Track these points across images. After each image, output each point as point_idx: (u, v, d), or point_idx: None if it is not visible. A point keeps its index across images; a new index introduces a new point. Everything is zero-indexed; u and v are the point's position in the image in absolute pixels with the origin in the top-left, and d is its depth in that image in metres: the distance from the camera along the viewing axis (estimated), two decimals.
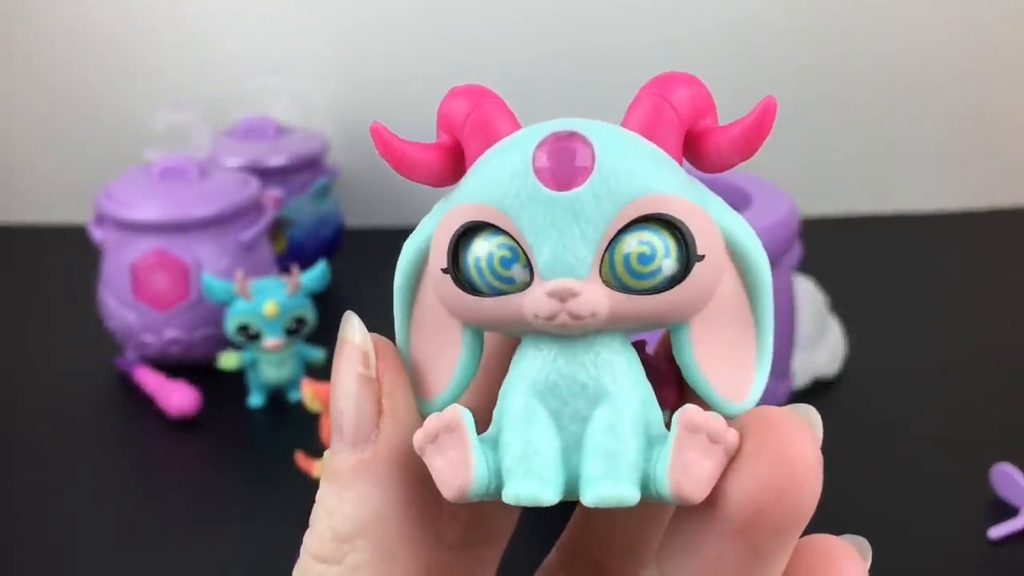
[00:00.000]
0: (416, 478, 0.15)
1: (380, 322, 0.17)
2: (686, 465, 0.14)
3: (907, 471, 0.48)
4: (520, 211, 0.14)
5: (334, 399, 0.16)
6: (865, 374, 0.57)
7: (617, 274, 0.14)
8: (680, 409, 0.14)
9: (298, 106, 0.77)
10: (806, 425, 0.14)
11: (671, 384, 0.16)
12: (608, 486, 0.14)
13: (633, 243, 0.14)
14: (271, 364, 0.54)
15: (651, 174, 0.14)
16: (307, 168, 0.71)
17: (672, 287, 0.14)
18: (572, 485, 0.14)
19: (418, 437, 0.14)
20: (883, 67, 0.81)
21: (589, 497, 0.14)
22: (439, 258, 0.15)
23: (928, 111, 0.83)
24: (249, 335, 0.53)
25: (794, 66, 0.81)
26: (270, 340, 0.53)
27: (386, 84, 0.82)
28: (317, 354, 0.56)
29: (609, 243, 0.14)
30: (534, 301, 0.14)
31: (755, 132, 0.14)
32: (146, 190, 0.57)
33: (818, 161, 0.83)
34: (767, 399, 0.15)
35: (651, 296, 0.14)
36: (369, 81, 0.82)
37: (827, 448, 0.14)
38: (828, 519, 0.15)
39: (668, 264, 0.14)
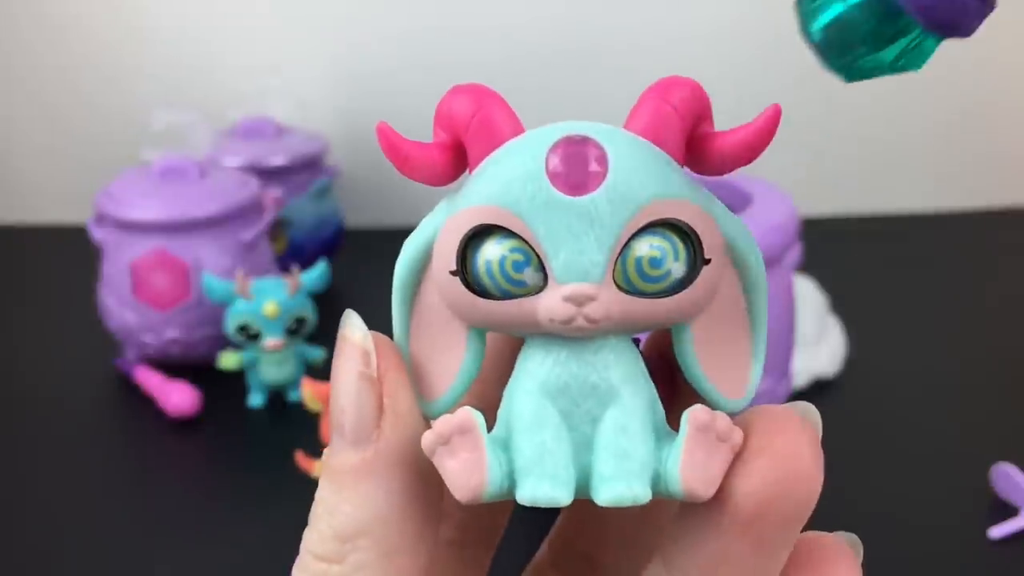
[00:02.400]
0: (417, 477, 0.15)
1: (381, 322, 0.17)
2: (696, 463, 0.14)
3: (907, 471, 0.48)
4: (534, 215, 0.14)
5: (334, 398, 0.16)
6: (865, 374, 0.57)
7: (628, 278, 0.14)
8: (689, 409, 0.14)
9: (298, 106, 0.77)
10: (807, 422, 0.14)
11: (663, 381, 0.16)
12: (621, 486, 0.14)
13: (644, 247, 0.14)
14: (271, 364, 0.54)
15: (661, 178, 0.14)
16: (307, 168, 0.71)
17: (680, 290, 0.14)
18: (584, 485, 0.14)
19: (428, 439, 0.14)
20: None
21: (603, 497, 0.14)
22: (447, 260, 0.15)
23: (928, 111, 0.83)
24: (249, 335, 0.53)
25: (794, 66, 0.81)
26: (270, 340, 0.53)
27: (386, 84, 0.82)
28: (317, 354, 0.56)
29: (622, 247, 0.14)
30: (550, 305, 0.14)
31: (759, 138, 0.15)
32: (146, 190, 0.57)
33: (818, 161, 0.83)
34: (767, 399, 0.15)
35: (660, 299, 0.14)
36: (369, 81, 0.82)
37: (827, 448, 0.15)
38: (828, 518, 0.16)
39: (677, 268, 0.14)
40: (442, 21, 0.80)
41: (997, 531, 0.43)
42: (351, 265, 0.72)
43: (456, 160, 0.16)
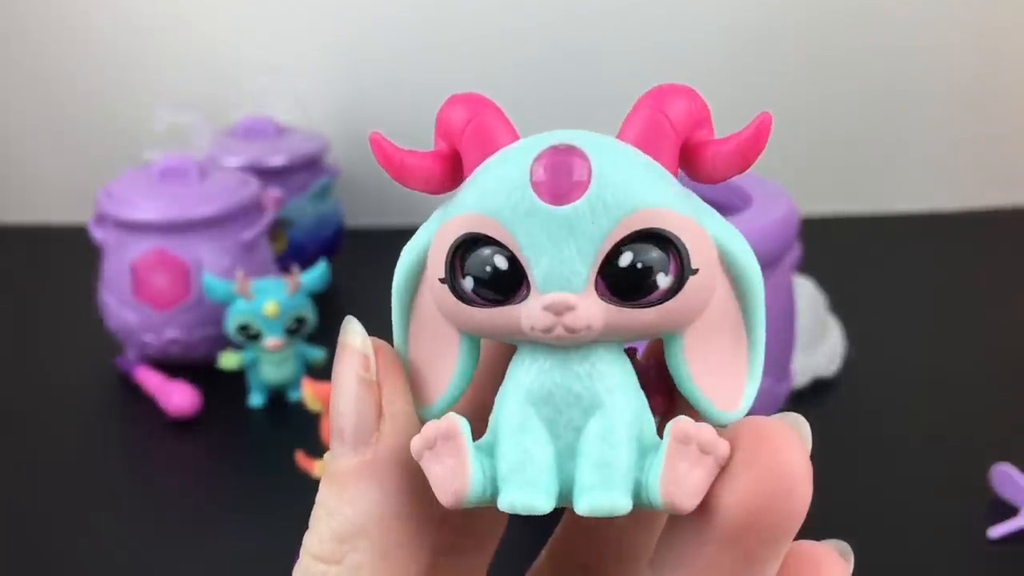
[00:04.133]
0: (415, 480, 0.16)
1: (381, 322, 0.17)
2: (677, 475, 0.14)
3: (907, 471, 0.48)
4: (517, 224, 0.14)
5: (334, 402, 0.16)
6: (865, 374, 0.57)
7: (612, 287, 0.14)
8: (672, 420, 0.14)
9: (298, 106, 0.77)
10: (796, 435, 0.14)
11: (661, 391, 0.16)
12: (601, 495, 0.14)
13: (628, 257, 0.14)
14: (271, 364, 0.54)
15: (647, 188, 0.14)
16: (307, 168, 0.71)
17: (666, 300, 0.14)
18: (566, 493, 0.15)
19: (416, 444, 0.15)
20: (884, 67, 0.81)
21: (582, 506, 0.14)
22: (437, 267, 0.15)
23: (928, 111, 0.83)
24: (249, 335, 0.53)
25: (795, 66, 0.81)
26: (270, 340, 0.53)
27: (386, 84, 0.82)
28: (317, 354, 0.56)
29: (606, 256, 0.14)
30: (530, 314, 0.14)
31: (750, 147, 0.15)
32: (146, 190, 0.57)
33: (818, 161, 0.83)
34: (767, 399, 0.15)
35: (645, 309, 0.14)
36: (369, 81, 0.82)
37: (827, 448, 0.15)
38: (828, 518, 0.16)
39: (663, 278, 0.14)
40: (442, 21, 0.80)
41: (996, 531, 0.43)
42: (351, 265, 0.72)
43: (453, 169, 0.16)
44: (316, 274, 0.54)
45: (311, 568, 0.16)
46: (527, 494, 0.14)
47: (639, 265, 0.14)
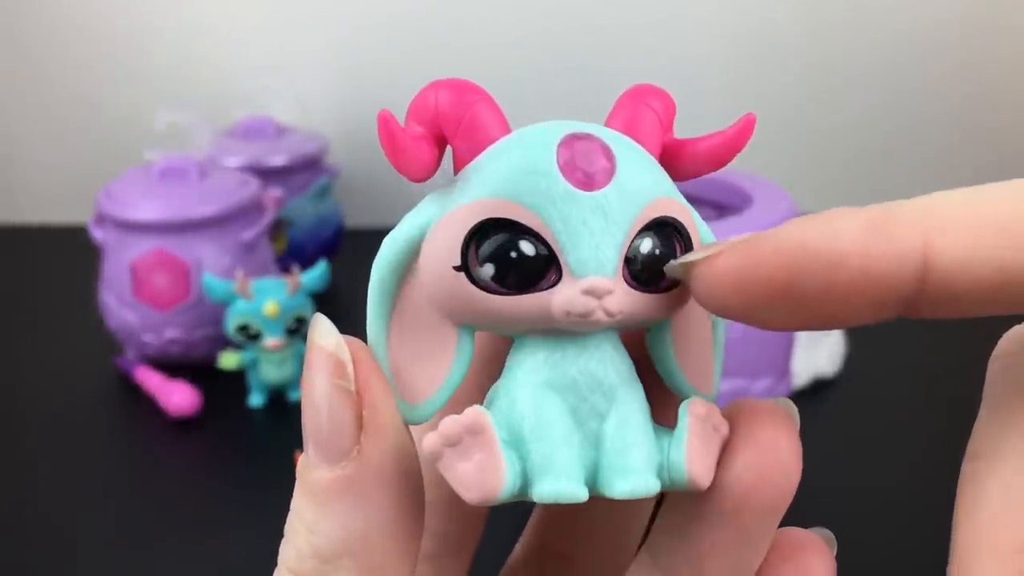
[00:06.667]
0: (401, 493, 0.15)
1: None
2: (699, 452, 0.14)
3: (907, 470, 0.48)
4: (550, 209, 0.14)
5: (306, 412, 0.15)
6: (865, 374, 0.57)
7: (635, 273, 0.14)
8: (687, 400, 0.14)
9: (298, 106, 0.77)
10: (786, 415, 0.15)
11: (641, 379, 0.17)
12: (636, 478, 0.14)
13: (649, 244, 0.14)
14: (271, 364, 0.54)
15: (658, 178, 0.15)
16: (307, 168, 0.71)
17: (676, 286, 0.15)
18: (591, 480, 0.14)
19: (433, 442, 0.14)
20: (883, 67, 0.81)
21: (619, 489, 0.14)
22: (448, 255, 0.14)
23: (928, 111, 0.83)
24: (249, 335, 0.53)
25: (794, 66, 0.81)
26: (270, 340, 0.53)
27: (386, 84, 0.82)
28: None
29: (630, 243, 0.14)
30: (568, 298, 0.14)
31: (732, 145, 0.15)
32: (146, 190, 0.57)
33: (818, 161, 0.83)
34: (767, 399, 0.15)
35: (662, 294, 0.15)
36: (369, 81, 0.82)
37: (827, 447, 0.15)
38: (828, 517, 0.16)
39: (674, 265, 0.15)
40: (443, 21, 0.80)
41: None
42: (351, 265, 0.72)
43: (439, 155, 0.15)
44: (316, 274, 0.54)
45: None
46: (564, 484, 0.14)
47: (658, 251, 0.14)
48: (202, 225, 0.57)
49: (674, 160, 0.16)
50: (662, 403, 0.15)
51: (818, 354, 0.56)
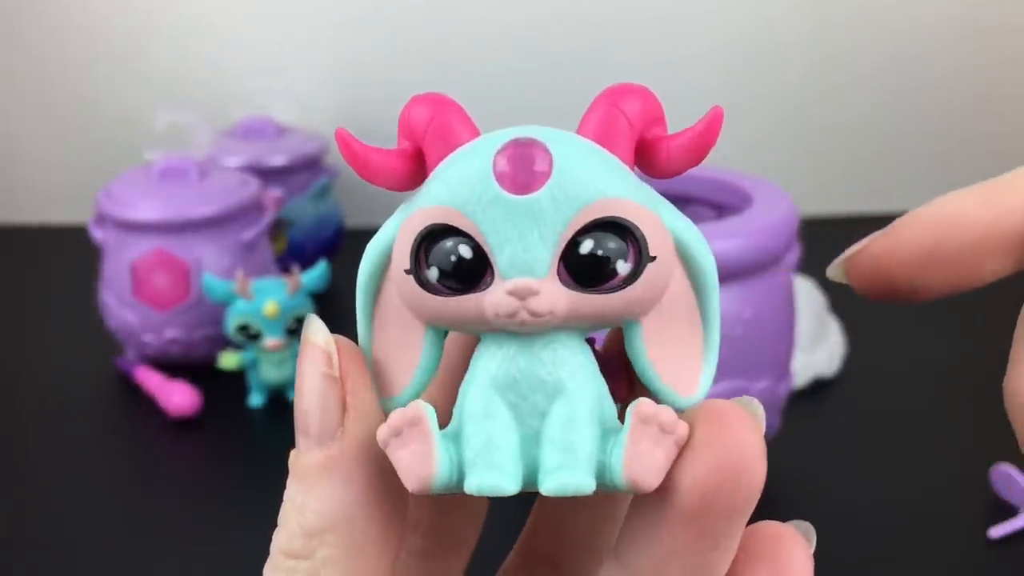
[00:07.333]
0: (382, 473, 0.16)
1: None
2: (639, 454, 0.14)
3: (907, 470, 0.48)
4: (481, 214, 0.15)
5: (299, 400, 0.16)
6: (865, 374, 0.57)
7: (573, 274, 0.15)
8: (634, 402, 0.15)
9: (298, 106, 0.77)
10: (750, 416, 0.14)
11: (621, 378, 0.17)
12: (565, 475, 0.14)
13: (589, 244, 0.15)
14: (271, 364, 0.54)
15: (605, 180, 0.15)
16: (307, 168, 0.71)
17: (625, 287, 0.15)
18: (531, 476, 0.15)
19: (382, 431, 0.15)
20: (883, 67, 0.81)
21: (547, 486, 0.14)
22: (402, 259, 0.15)
23: (928, 111, 0.83)
24: (249, 335, 0.53)
25: (794, 66, 0.81)
26: (270, 340, 0.53)
27: (386, 84, 0.82)
28: None
29: (567, 245, 0.15)
30: (495, 299, 0.15)
31: (703, 140, 0.15)
32: (146, 190, 0.57)
33: (818, 161, 0.83)
34: (767, 400, 0.15)
35: (606, 295, 0.15)
36: (369, 81, 0.82)
37: (827, 447, 0.15)
38: (828, 517, 0.16)
39: (622, 265, 0.15)
40: (442, 21, 0.80)
41: (996, 531, 0.43)
42: (351, 265, 0.72)
43: (417, 166, 0.16)
44: (316, 274, 0.54)
45: (281, 564, 0.16)
46: (493, 476, 0.14)
47: (599, 252, 0.15)
48: (202, 225, 0.57)
49: (652, 159, 0.16)
50: None
51: (818, 354, 0.56)
